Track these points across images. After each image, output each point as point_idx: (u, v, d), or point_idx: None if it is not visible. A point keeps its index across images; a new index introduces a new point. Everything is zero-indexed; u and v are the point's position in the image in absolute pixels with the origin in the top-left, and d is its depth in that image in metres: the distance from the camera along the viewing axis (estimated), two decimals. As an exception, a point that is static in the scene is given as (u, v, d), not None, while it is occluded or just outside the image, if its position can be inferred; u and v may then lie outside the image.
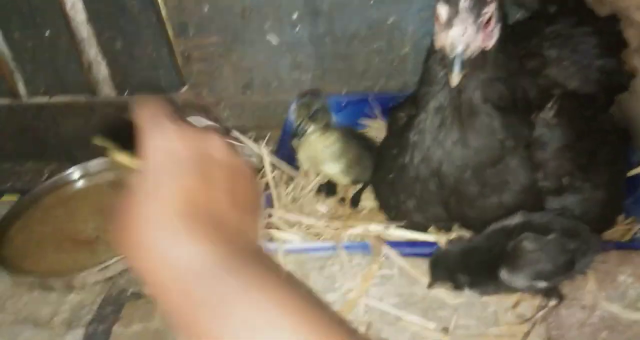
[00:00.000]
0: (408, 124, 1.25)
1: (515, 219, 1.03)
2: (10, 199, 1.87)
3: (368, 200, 1.47)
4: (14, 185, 1.99)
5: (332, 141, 1.45)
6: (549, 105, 1.21)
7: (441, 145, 1.13)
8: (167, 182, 0.65)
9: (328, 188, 1.51)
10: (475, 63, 1.00)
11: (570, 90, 1.29)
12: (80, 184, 1.90)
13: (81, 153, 2.04)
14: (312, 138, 1.45)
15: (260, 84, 1.86)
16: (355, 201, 1.47)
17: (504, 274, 0.96)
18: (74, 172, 1.90)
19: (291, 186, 1.47)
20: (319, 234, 1.27)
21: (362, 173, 1.48)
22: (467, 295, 1.03)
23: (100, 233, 1.64)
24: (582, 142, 1.20)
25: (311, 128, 1.44)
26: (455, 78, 0.95)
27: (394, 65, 1.79)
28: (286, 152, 1.59)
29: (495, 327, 0.99)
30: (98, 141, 1.13)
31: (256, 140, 1.98)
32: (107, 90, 1.99)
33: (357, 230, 1.19)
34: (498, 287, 1.00)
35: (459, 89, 1.04)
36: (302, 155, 1.49)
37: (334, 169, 1.46)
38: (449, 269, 1.03)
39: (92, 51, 1.91)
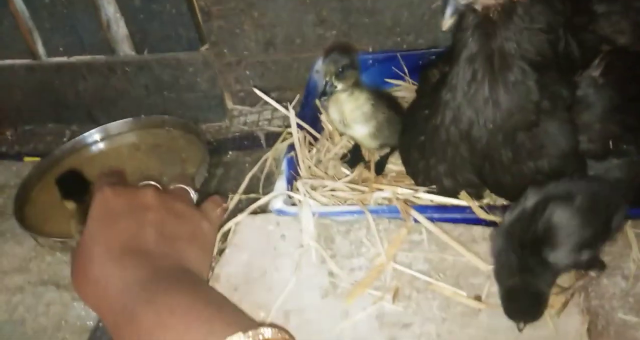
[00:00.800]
0: (441, 82, 1.17)
1: (529, 201, 0.94)
2: (32, 160, 1.87)
3: (394, 166, 1.41)
4: (35, 147, 1.98)
5: (363, 101, 1.36)
6: (596, 62, 1.11)
7: (471, 104, 1.05)
8: (105, 229, 0.95)
9: (354, 153, 1.45)
10: (507, 10, 0.93)
11: (620, 46, 1.19)
12: (100, 146, 1.87)
13: (101, 114, 2.02)
14: (342, 97, 1.36)
15: (283, 42, 1.78)
16: (380, 166, 1.41)
17: (547, 256, 0.88)
18: (95, 134, 1.88)
19: (315, 149, 1.41)
20: (344, 197, 1.22)
21: (390, 137, 1.41)
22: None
23: (122, 195, 1.63)
24: (632, 102, 1.11)
25: (340, 86, 1.35)
26: (446, 22, 0.89)
27: (424, 19, 1.69)
28: (309, 113, 1.53)
29: (531, 297, 0.93)
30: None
31: (279, 101, 1.94)
32: (126, 49, 1.93)
33: (385, 193, 1.14)
34: (545, 272, 0.89)
35: (489, 34, 0.96)
36: (330, 116, 1.41)
37: (362, 131, 1.38)
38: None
39: (111, 8, 1.84)
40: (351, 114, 1.37)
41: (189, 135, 1.83)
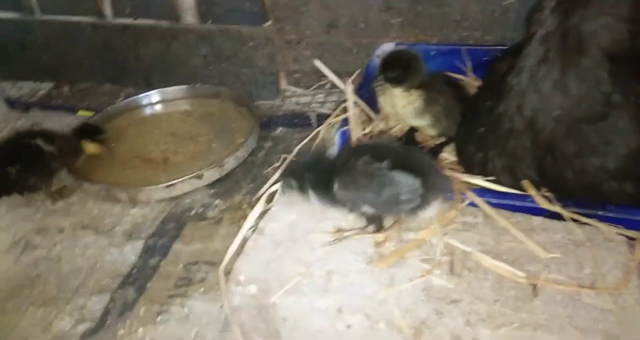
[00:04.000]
0: (508, 72, 1.13)
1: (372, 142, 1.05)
2: (85, 114, 1.90)
3: (448, 155, 1.37)
4: (90, 104, 2.01)
5: (415, 98, 1.33)
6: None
7: (538, 89, 1.00)
8: None
9: (408, 137, 1.42)
10: None
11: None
12: (154, 108, 1.89)
13: (158, 79, 2.04)
14: (395, 92, 1.35)
15: (346, 25, 1.77)
16: (434, 153, 1.37)
17: (335, 186, 0.96)
18: (149, 96, 1.90)
19: (369, 127, 1.38)
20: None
21: (449, 127, 1.37)
22: (561, 251, 0.93)
23: (170, 155, 1.63)
24: None
25: (387, 85, 1.34)
26: None
27: (494, 16, 1.65)
28: (366, 95, 1.50)
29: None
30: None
31: (333, 85, 1.92)
32: (189, 18, 1.95)
33: (441, 172, 1.09)
34: (333, 199, 0.98)
35: (569, 11, 0.92)
36: (382, 106, 1.39)
37: (418, 123, 1.36)
38: (301, 167, 1.01)
39: (181, -24, 1.87)
40: (403, 110, 1.34)
41: (241, 108, 1.83)
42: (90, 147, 1.60)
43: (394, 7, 1.70)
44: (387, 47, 1.69)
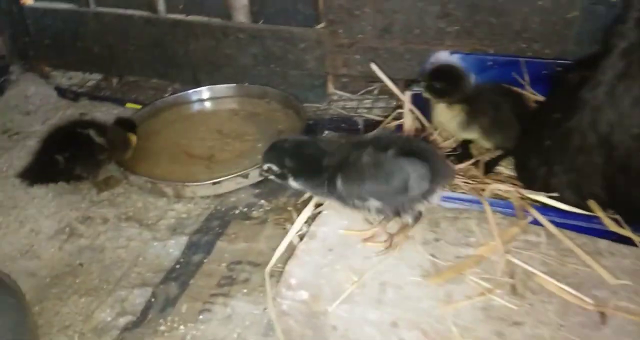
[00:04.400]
0: (579, 85, 1.08)
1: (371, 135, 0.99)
2: (133, 107, 1.91)
3: (504, 169, 1.32)
4: (137, 97, 2.02)
5: (457, 113, 1.31)
6: None
7: (616, 104, 0.96)
8: None
9: (463, 149, 1.38)
10: None
11: None
12: (202, 105, 1.89)
13: (205, 77, 2.05)
14: (440, 106, 1.33)
15: (401, 30, 1.74)
16: (490, 166, 1.32)
17: (339, 182, 0.92)
18: (198, 93, 1.91)
19: (422, 136, 1.34)
20: (453, 185, 1.15)
21: (505, 140, 1.32)
22: (630, 278, 0.87)
23: (215, 152, 1.63)
24: None
25: (429, 96, 1.32)
26: None
27: (556, 28, 1.59)
28: (420, 102, 1.46)
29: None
30: None
31: (382, 92, 1.89)
32: (241, 17, 1.95)
33: (503, 186, 1.06)
34: (331, 192, 0.93)
35: None
36: (434, 115, 1.37)
37: (467, 136, 1.34)
38: (282, 151, 0.97)
39: (236, -25, 1.87)
40: (448, 124, 1.33)
41: (288, 110, 1.82)
42: (133, 139, 1.60)
43: (451, 14, 1.66)
44: (442, 55, 1.65)
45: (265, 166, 0.98)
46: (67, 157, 1.43)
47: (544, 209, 1.03)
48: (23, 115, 1.91)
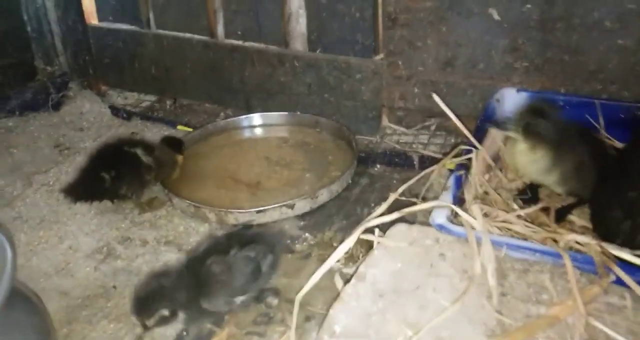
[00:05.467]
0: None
1: (203, 246, 1.07)
2: (184, 129, 1.89)
3: (577, 218, 1.19)
4: (190, 120, 2.01)
5: (540, 157, 1.20)
6: None
7: None
8: None
9: (532, 192, 1.26)
10: None
11: None
12: (252, 131, 1.86)
13: (258, 103, 2.02)
14: (519, 148, 1.21)
15: (464, 64, 1.65)
16: (561, 215, 1.20)
17: (204, 303, 0.98)
18: (250, 119, 1.87)
19: (487, 176, 1.24)
20: (521, 233, 1.03)
21: (581, 187, 1.20)
22: None
23: (263, 179, 1.57)
24: None
25: (516, 136, 1.20)
26: None
27: (636, 70, 1.47)
28: (481, 140, 1.36)
29: None
30: None
31: (439, 128, 1.80)
32: (298, 45, 1.93)
33: (581, 238, 0.93)
34: (204, 313, 0.99)
35: None
36: (505, 154, 1.27)
37: (542, 181, 1.22)
38: (154, 302, 0.97)
39: (296, 2, 1.85)
40: (525, 167, 1.22)
41: (339, 141, 1.75)
42: (180, 160, 1.57)
43: (521, 49, 1.57)
44: (508, 92, 1.56)
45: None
46: (113, 176, 1.40)
47: (629, 267, 0.90)
48: (76, 131, 1.93)
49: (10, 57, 2.18)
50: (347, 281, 1.12)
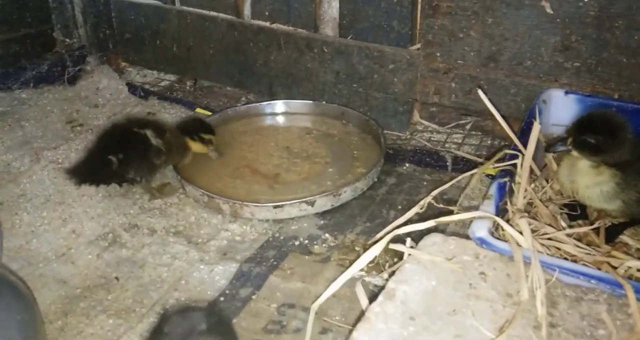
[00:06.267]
0: None
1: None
2: (202, 113, 1.79)
3: (629, 239, 1.07)
4: (209, 103, 1.91)
5: (605, 179, 1.04)
6: None
7: None
8: None
9: (581, 208, 1.13)
10: None
11: None
12: (274, 119, 1.74)
13: (282, 90, 1.91)
14: (580, 165, 1.07)
15: (509, 60, 1.52)
16: (612, 234, 1.07)
17: None
18: (273, 106, 1.76)
19: (532, 185, 1.12)
20: (570, 253, 0.91)
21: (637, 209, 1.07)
22: None
23: (282, 172, 1.46)
24: None
25: (575, 154, 1.06)
26: None
27: (702, 77, 1.33)
28: (526, 143, 1.24)
29: None
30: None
31: (474, 128, 1.68)
32: (328, 30, 1.81)
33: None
34: None
35: None
36: (559, 176, 1.13)
37: (608, 207, 1.07)
38: None
39: (330, -15, 1.74)
40: (586, 190, 1.06)
41: (366, 135, 1.63)
42: (195, 146, 1.46)
43: (573, 48, 1.44)
44: (555, 93, 1.42)
45: None
46: (120, 159, 1.30)
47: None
48: (90, 108, 1.84)
49: (29, 27, 2.10)
50: (370, 293, 1.02)
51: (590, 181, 1.04)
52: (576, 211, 1.12)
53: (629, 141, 1.02)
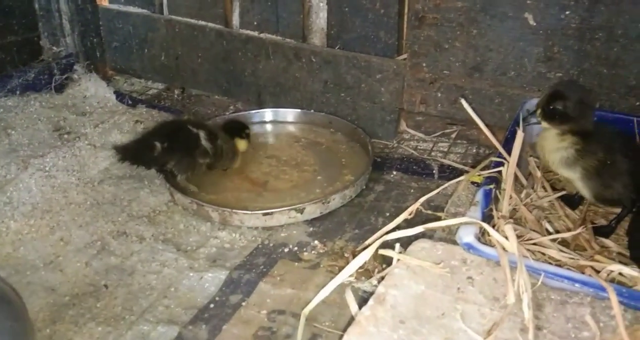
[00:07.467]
0: None
1: None
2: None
3: (611, 243, 1.10)
4: (197, 112, 1.92)
5: (566, 145, 1.13)
6: None
7: None
8: None
9: (577, 197, 1.20)
10: None
11: None
12: (262, 127, 1.76)
13: (270, 99, 1.92)
14: (548, 135, 1.16)
15: (494, 70, 1.56)
16: (606, 233, 1.11)
17: None
18: (261, 114, 1.78)
19: (523, 193, 1.15)
20: (555, 258, 0.94)
21: (604, 189, 1.12)
22: None
23: (271, 179, 1.47)
24: None
25: (544, 124, 1.16)
26: None
27: (679, 87, 1.38)
28: (509, 151, 1.27)
29: None
30: None
31: (459, 137, 1.71)
32: (316, 40, 1.83)
33: (628, 270, 0.83)
34: None
35: None
36: (537, 145, 1.20)
37: (565, 174, 1.16)
38: None
39: (317, -4, 1.76)
40: (549, 155, 1.16)
41: (353, 143, 1.65)
42: (241, 145, 1.52)
43: (556, 59, 1.48)
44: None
45: None
46: (165, 147, 1.34)
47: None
48: (78, 115, 1.83)
49: (15, 35, 2.09)
50: (359, 298, 1.03)
51: (554, 146, 1.13)
52: (571, 203, 1.17)
53: (591, 112, 1.12)
